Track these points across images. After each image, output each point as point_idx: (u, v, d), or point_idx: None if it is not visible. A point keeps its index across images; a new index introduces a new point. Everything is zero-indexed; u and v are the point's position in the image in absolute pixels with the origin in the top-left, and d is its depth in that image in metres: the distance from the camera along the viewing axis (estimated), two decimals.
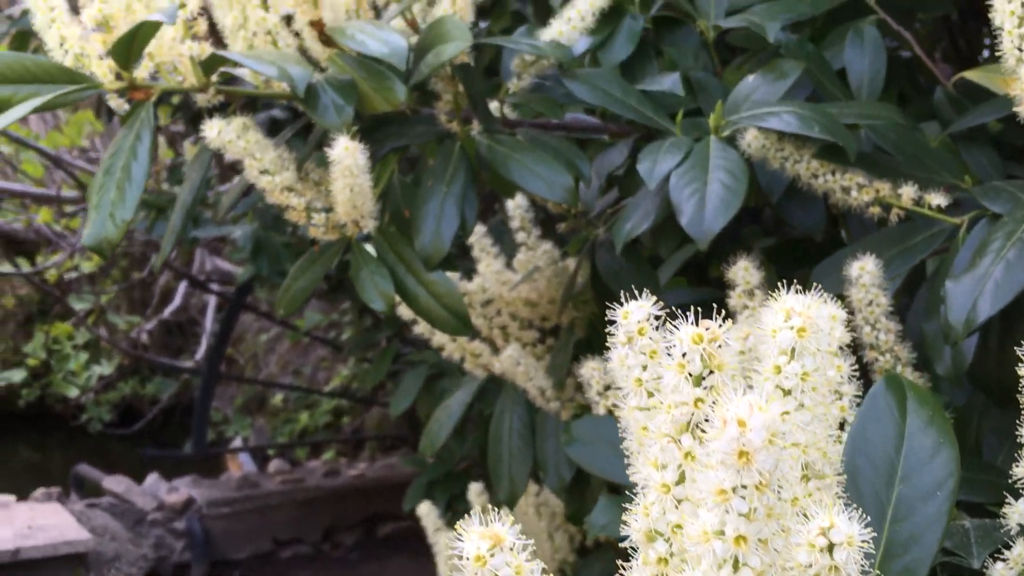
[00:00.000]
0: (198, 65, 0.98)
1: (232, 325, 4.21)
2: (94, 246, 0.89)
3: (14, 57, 0.98)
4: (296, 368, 6.05)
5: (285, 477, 4.35)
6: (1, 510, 3.77)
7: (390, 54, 0.87)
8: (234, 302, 4.12)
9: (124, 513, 3.97)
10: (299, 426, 5.57)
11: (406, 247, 0.99)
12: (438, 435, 1.34)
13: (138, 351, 4.75)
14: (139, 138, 0.94)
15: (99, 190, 0.92)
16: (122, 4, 0.95)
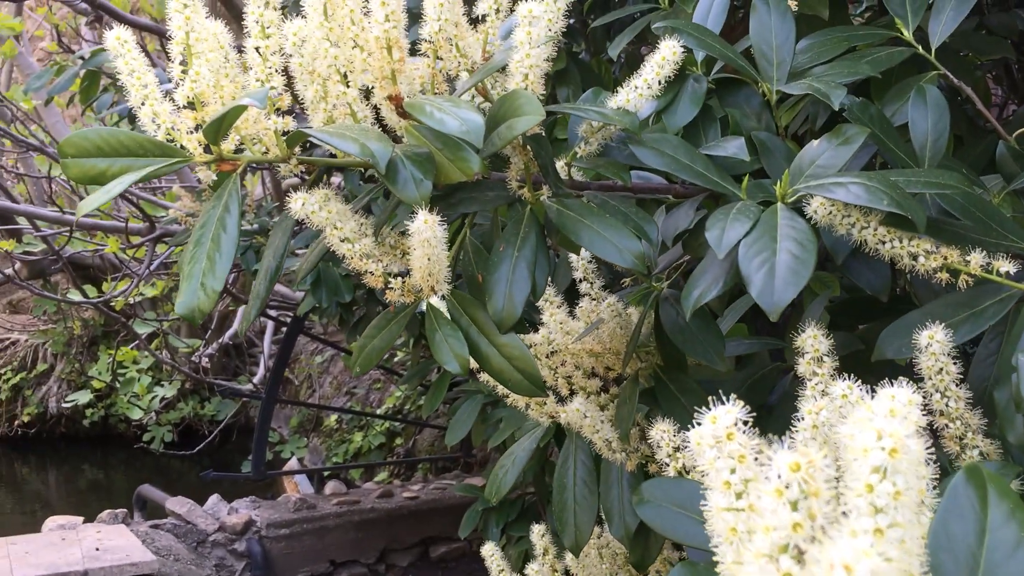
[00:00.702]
0: (282, 138, 1.02)
1: (290, 351, 4.29)
2: (186, 314, 0.94)
3: (109, 132, 1.03)
4: (349, 389, 6.14)
5: (341, 499, 4.42)
6: (70, 531, 3.89)
7: (467, 132, 0.90)
8: (292, 328, 4.20)
9: (187, 534, 4.06)
10: (353, 446, 5.65)
11: (479, 310, 1.03)
12: (504, 481, 1.37)
13: (200, 374, 4.87)
14: (227, 210, 0.99)
15: (190, 261, 0.96)
16: (211, 82, 1.00)
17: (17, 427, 6.31)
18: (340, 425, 5.84)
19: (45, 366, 6.36)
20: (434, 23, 1.00)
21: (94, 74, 3.42)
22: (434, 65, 1.03)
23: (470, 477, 4.81)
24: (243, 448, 6.17)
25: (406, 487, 4.63)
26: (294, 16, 1.04)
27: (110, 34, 1.03)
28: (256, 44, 1.00)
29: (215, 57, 1.01)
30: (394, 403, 5.58)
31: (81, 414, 6.26)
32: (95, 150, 1.03)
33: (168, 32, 1.02)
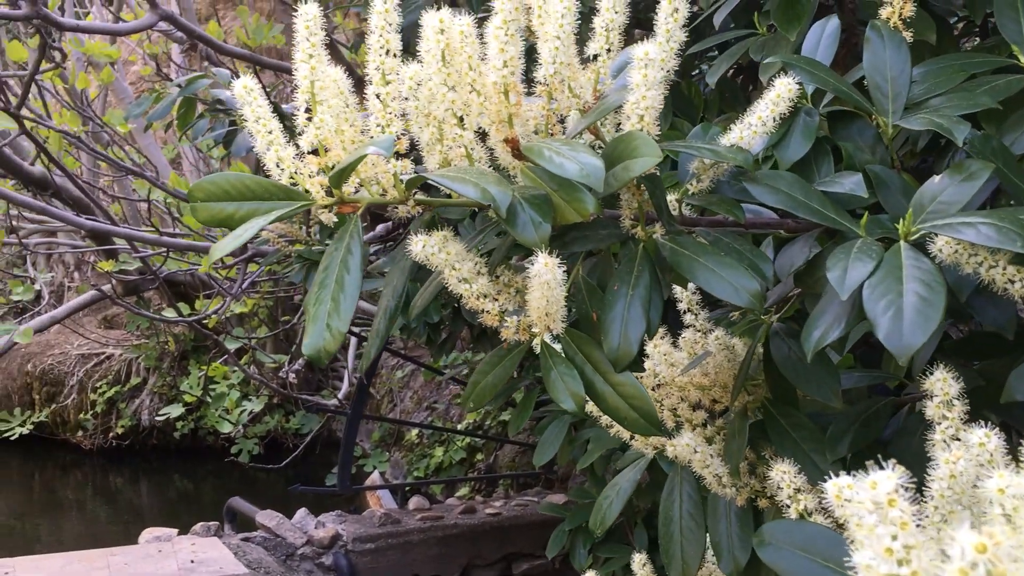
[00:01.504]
0: (400, 181, 1.05)
1: (375, 367, 4.36)
2: (313, 355, 0.97)
3: (236, 177, 1.07)
4: (430, 404, 6.21)
5: (425, 514, 4.46)
6: (165, 543, 4.01)
7: (587, 177, 0.91)
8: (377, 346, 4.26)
9: (276, 547, 4.15)
10: (434, 461, 5.70)
11: (594, 348, 1.04)
12: (609, 512, 1.37)
13: (287, 389, 4.98)
14: (350, 251, 1.02)
15: (315, 303, 1.00)
16: (333, 128, 1.04)
17: (112, 439, 6.54)
18: (421, 439, 5.90)
19: (138, 380, 6.58)
20: (549, 66, 1.02)
21: (190, 101, 3.54)
22: (548, 106, 1.05)
23: (552, 494, 4.81)
24: (326, 461, 6.29)
25: (488, 503, 4.66)
26: (409, 61, 1.07)
27: (237, 83, 1.07)
28: (377, 91, 1.03)
29: (336, 103, 1.05)
30: (475, 419, 5.61)
31: (172, 427, 6.46)
32: (223, 194, 1.08)
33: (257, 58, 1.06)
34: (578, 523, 3.03)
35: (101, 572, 3.58)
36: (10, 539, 5.75)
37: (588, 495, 3.15)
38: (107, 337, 6.77)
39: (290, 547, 4.17)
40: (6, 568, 3.56)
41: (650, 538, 2.84)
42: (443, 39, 1.00)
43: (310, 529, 4.28)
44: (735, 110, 2.26)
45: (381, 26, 1.02)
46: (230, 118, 3.50)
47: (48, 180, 4.53)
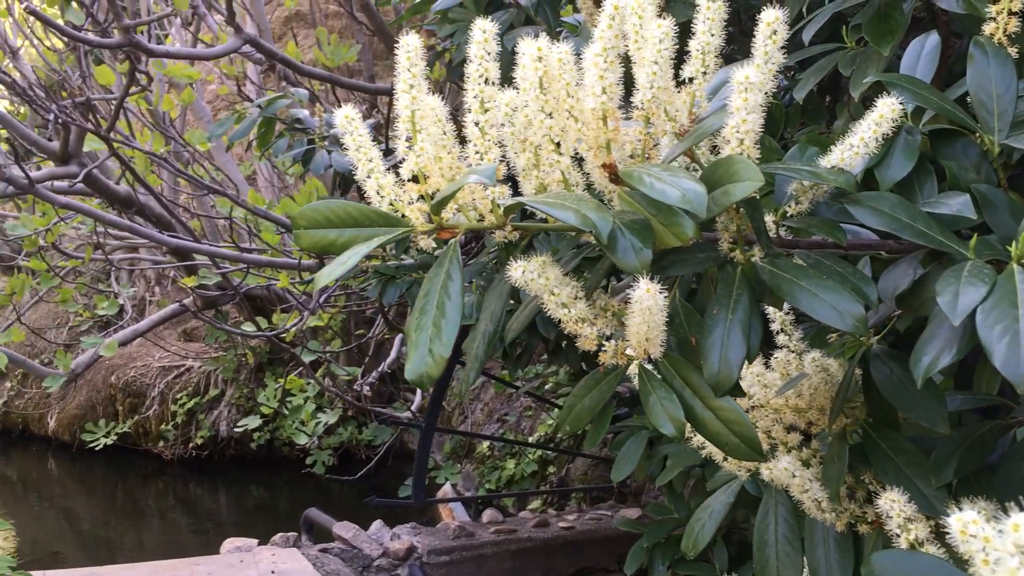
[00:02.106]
0: (498, 206, 1.06)
1: (448, 381, 4.39)
2: (416, 380, 0.99)
3: (338, 204, 1.10)
4: (501, 416, 6.22)
5: (499, 527, 4.47)
6: (246, 554, 4.09)
7: (688, 203, 0.91)
8: (450, 359, 4.29)
9: (353, 559, 4.20)
10: (505, 473, 5.71)
11: (693, 372, 1.03)
12: (701, 535, 1.36)
13: (361, 402, 5.05)
14: (450, 277, 1.03)
15: (416, 329, 1.01)
16: (432, 155, 1.05)
17: (191, 449, 6.70)
18: (492, 452, 5.92)
19: (216, 391, 6.74)
20: (647, 91, 1.02)
21: (270, 121, 3.62)
22: (645, 131, 1.05)
23: (625, 508, 4.78)
24: (398, 472, 6.35)
25: (562, 516, 4.65)
26: (504, 88, 1.08)
27: (339, 112, 1.10)
28: (476, 119, 1.05)
29: (435, 130, 1.06)
30: (546, 431, 5.61)
31: (249, 438, 6.59)
32: (325, 221, 1.10)
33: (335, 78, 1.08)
34: (656, 539, 3.00)
35: None
36: (95, 546, 5.93)
37: (666, 511, 3.12)
38: (186, 350, 6.95)
39: (366, 559, 4.22)
40: (97, 575, 3.68)
41: (730, 555, 2.81)
42: (541, 67, 1.01)
43: (385, 541, 4.32)
44: (816, 122, 2.23)
45: (480, 55, 1.04)
46: (308, 137, 3.58)
47: (133, 198, 4.69)
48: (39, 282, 5.05)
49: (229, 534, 5.30)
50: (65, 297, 5.52)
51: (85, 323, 7.41)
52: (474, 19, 3.05)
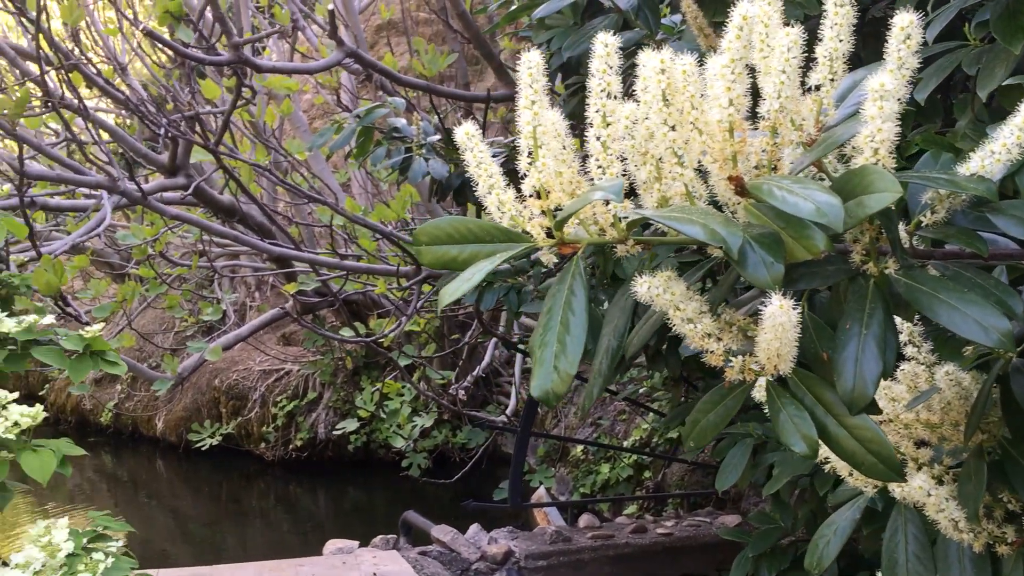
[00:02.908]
0: (620, 221, 1.05)
1: None
2: (542, 397, 0.99)
3: (459, 220, 1.11)
4: (595, 420, 6.19)
5: (596, 533, 4.45)
6: (348, 555, 4.17)
7: (823, 216, 0.88)
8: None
9: (451, 562, 4.24)
10: (600, 478, 5.68)
11: (825, 389, 1.00)
12: (826, 553, 1.32)
13: (456, 406, 5.09)
14: (573, 292, 1.03)
15: (540, 346, 1.01)
16: (553, 171, 1.05)
17: (291, 451, 6.87)
18: (587, 456, 5.90)
19: (314, 395, 6.89)
20: (774, 101, 1.00)
21: (368, 130, 3.68)
22: (772, 141, 1.02)
23: (724, 514, 4.71)
24: (491, 475, 6.38)
25: (659, 522, 4.60)
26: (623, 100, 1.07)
27: (459, 130, 1.10)
28: (597, 133, 1.04)
29: (555, 145, 1.06)
30: (641, 435, 5.56)
31: (346, 440, 6.72)
32: (446, 237, 1.11)
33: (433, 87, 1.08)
34: (761, 549, 2.94)
35: None
36: (200, 545, 6.13)
37: (770, 520, 3.05)
38: (285, 354, 7.13)
39: (465, 562, 4.25)
40: (206, 575, 3.80)
41: (839, 569, 2.73)
42: (664, 79, 1.00)
43: (483, 545, 4.35)
44: (931, 121, 2.15)
45: (602, 69, 1.03)
46: (406, 145, 3.63)
47: (236, 208, 4.83)
48: (147, 289, 5.25)
49: (328, 535, 5.42)
50: (172, 303, 5.73)
51: (190, 328, 7.68)
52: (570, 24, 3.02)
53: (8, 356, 2.20)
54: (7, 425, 1.94)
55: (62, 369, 2.23)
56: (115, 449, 7.62)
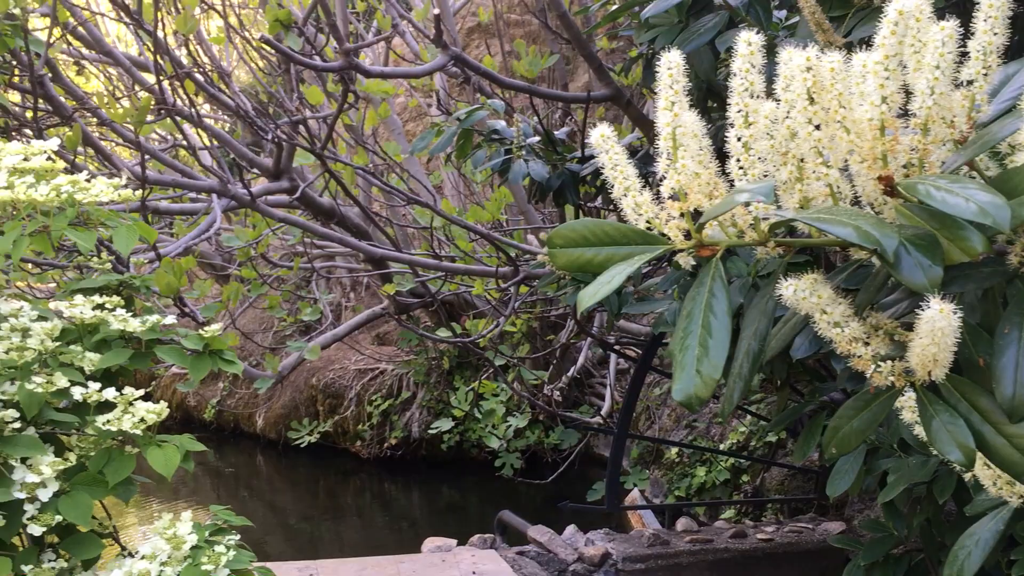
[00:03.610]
0: (761, 222, 1.03)
1: (640, 386, 4.36)
2: (684, 401, 0.97)
3: (595, 223, 1.10)
4: (689, 423, 6.12)
5: (694, 537, 4.39)
6: (446, 553, 4.21)
7: (986, 216, 0.85)
8: (642, 364, 4.26)
9: (548, 563, 4.24)
10: (696, 481, 5.60)
11: (981, 396, 0.97)
12: (967, 565, 1.28)
13: (551, 407, 5.09)
14: (713, 294, 1.02)
15: (681, 350, 1.00)
16: (692, 173, 1.04)
17: (386, 449, 6.98)
18: (681, 458, 5.83)
19: (408, 394, 6.99)
20: (927, 97, 0.96)
21: (468, 132, 3.71)
22: (924, 139, 0.99)
23: (826, 521, 4.59)
24: (583, 477, 6.36)
25: (760, 528, 4.51)
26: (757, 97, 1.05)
27: (594, 132, 1.10)
28: (739, 134, 1.02)
29: (693, 147, 1.05)
30: (738, 438, 5.47)
31: (440, 439, 6.80)
32: (581, 240, 1.11)
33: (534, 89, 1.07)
34: (874, 558, 2.85)
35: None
36: (298, 540, 6.27)
37: (882, 528, 2.96)
38: (380, 353, 7.24)
39: (562, 563, 4.25)
40: (311, 569, 3.88)
41: None
42: (810, 77, 0.98)
43: (580, 546, 4.34)
44: None
45: (745, 68, 1.01)
46: (505, 147, 3.64)
47: (335, 210, 4.93)
48: (249, 289, 5.40)
49: (421, 532, 5.48)
50: (272, 304, 5.88)
51: (288, 328, 7.87)
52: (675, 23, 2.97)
53: (134, 354, 2.28)
54: (134, 421, 2.01)
55: (168, 367, 2.30)
56: (217, 445, 7.86)
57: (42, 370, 2.00)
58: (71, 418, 1.99)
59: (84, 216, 2.02)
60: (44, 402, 1.95)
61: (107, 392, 1.93)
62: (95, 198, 1.90)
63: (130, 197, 1.99)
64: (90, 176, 1.96)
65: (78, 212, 1.96)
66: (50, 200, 1.82)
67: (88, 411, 1.98)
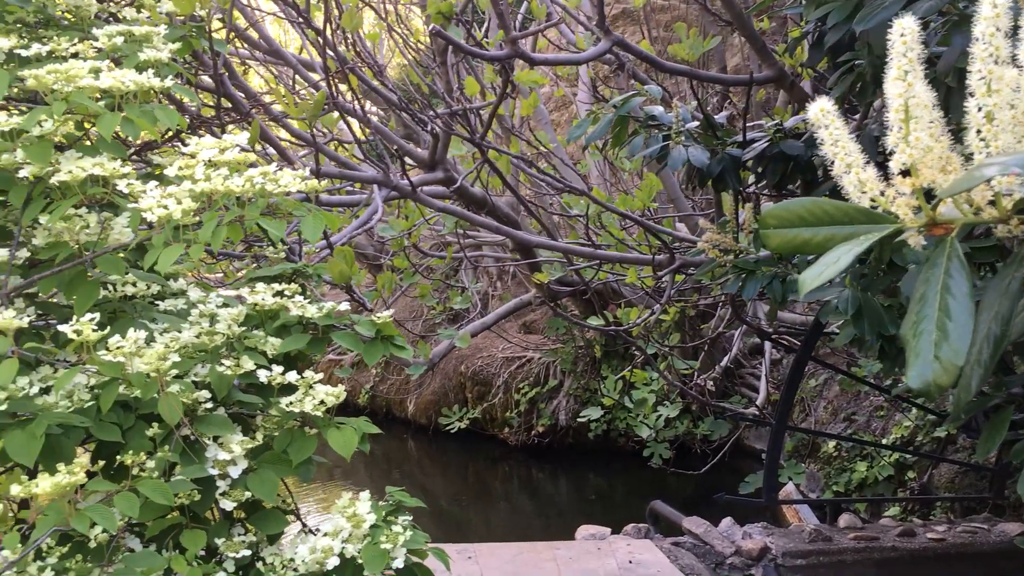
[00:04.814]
0: (1003, 197, 0.97)
1: (800, 377, 4.23)
2: (922, 388, 0.92)
3: (812, 202, 1.06)
4: (848, 416, 5.89)
5: (858, 534, 4.23)
6: (601, 541, 4.21)
7: None
8: (802, 354, 4.13)
9: (705, 555, 4.17)
10: (856, 476, 5.39)
11: None
12: None
13: (704, 397, 5.00)
14: (950, 275, 0.96)
15: (914, 335, 0.95)
16: (924, 147, 0.98)
17: (533, 436, 7.04)
18: (839, 452, 5.61)
19: (555, 382, 7.02)
20: None
21: (624, 119, 3.67)
22: None
23: (1003, 521, 4.33)
24: (733, 468, 6.22)
25: (929, 527, 4.30)
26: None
27: (813, 106, 1.06)
28: (981, 103, 0.96)
29: (926, 119, 0.99)
30: (903, 433, 5.22)
31: (586, 427, 6.80)
32: (797, 220, 1.07)
33: (695, 72, 1.02)
34: None
35: (549, 564, 3.84)
36: (448, 523, 6.41)
37: None
38: (527, 342, 7.30)
39: (719, 556, 4.17)
40: (469, 552, 3.96)
41: None
42: None
43: (737, 539, 4.25)
44: None
45: (989, 32, 0.95)
46: (663, 133, 3.59)
47: (487, 200, 4.98)
48: (401, 278, 5.53)
49: (570, 520, 5.49)
50: (423, 292, 6.01)
51: (437, 316, 8.04)
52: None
53: (311, 340, 2.36)
54: (315, 403, 2.08)
55: (324, 353, 2.36)
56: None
57: (229, 354, 2.11)
58: (256, 399, 2.09)
59: (273, 206, 2.10)
60: (232, 384, 2.05)
61: (289, 375, 2.02)
62: (284, 189, 1.98)
63: (316, 188, 2.06)
64: (279, 167, 2.04)
65: (268, 202, 2.04)
66: (245, 191, 1.90)
67: (271, 393, 2.07)
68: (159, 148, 2.74)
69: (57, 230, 1.93)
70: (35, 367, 1.87)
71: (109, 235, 1.99)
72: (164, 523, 1.85)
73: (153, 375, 1.78)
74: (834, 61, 3.25)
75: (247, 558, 1.94)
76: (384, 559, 1.95)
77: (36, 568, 1.61)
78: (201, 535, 1.85)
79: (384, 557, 1.95)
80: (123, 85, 1.96)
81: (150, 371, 1.76)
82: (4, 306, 1.83)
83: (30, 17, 2.25)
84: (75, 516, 1.59)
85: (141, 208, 1.79)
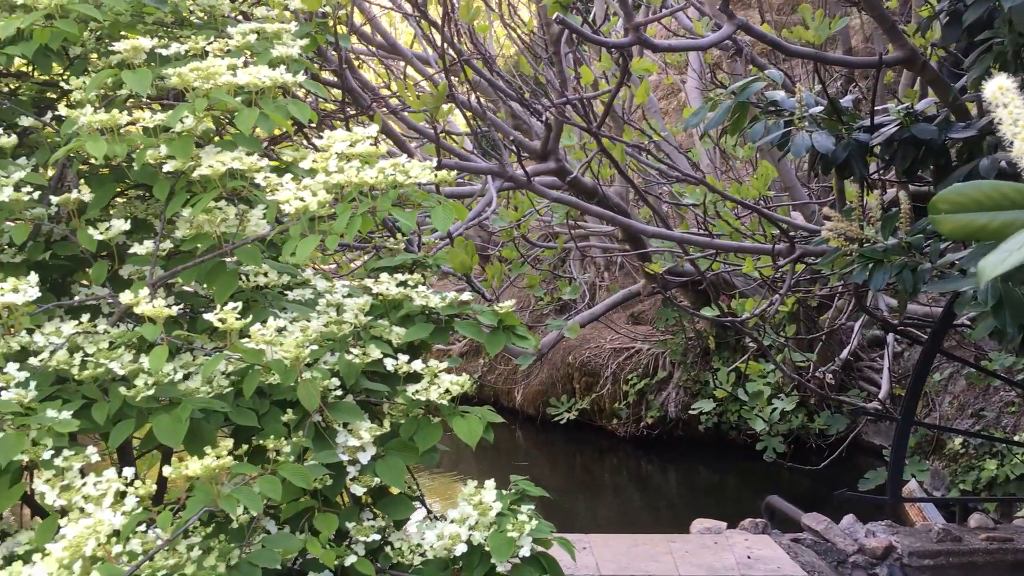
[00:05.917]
0: None
1: (927, 371, 4.05)
2: None
3: (991, 186, 1.00)
4: (975, 411, 5.63)
5: (990, 535, 4.05)
6: (717, 535, 4.14)
7: None
8: (930, 347, 3.96)
9: (826, 552, 4.06)
10: (985, 475, 5.15)
11: None
12: None
13: (823, 390, 4.86)
14: None
15: None
16: None
17: (642, 428, 6.98)
18: (966, 449, 5.37)
19: (664, 373, 6.93)
20: None
21: (743, 106, 3.58)
22: None
23: None
24: (852, 464, 6.03)
25: None
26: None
27: (991, 84, 1.00)
28: None
29: None
30: None
31: (696, 420, 6.70)
32: (973, 204, 1.02)
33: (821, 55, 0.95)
34: None
35: (665, 556, 3.81)
36: (556, 514, 6.40)
37: None
38: (635, 332, 7.24)
39: (840, 553, 4.05)
40: (584, 543, 3.95)
41: None
42: None
43: (860, 537, 4.12)
44: None
45: None
46: (785, 119, 3.48)
47: (597, 189, 4.95)
48: (510, 269, 5.55)
49: (681, 513, 5.43)
50: (532, 283, 6.02)
51: (544, 307, 8.05)
52: None
53: (435, 329, 2.38)
54: (440, 392, 2.10)
55: (435, 341, 2.36)
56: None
57: (356, 342, 2.15)
58: (383, 387, 2.12)
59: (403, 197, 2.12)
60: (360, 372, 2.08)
61: (415, 364, 2.04)
62: (415, 180, 1.99)
63: (447, 179, 2.08)
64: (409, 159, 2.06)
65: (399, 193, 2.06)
66: (378, 182, 1.93)
67: (397, 381, 2.10)
68: (282, 143, 2.81)
69: (199, 222, 1.99)
70: (177, 353, 1.95)
71: (247, 227, 2.05)
72: (297, 506, 1.90)
73: (292, 362, 1.82)
74: (971, 40, 3.10)
75: (376, 542, 1.98)
76: (511, 547, 1.95)
77: (185, 547, 1.68)
78: (334, 519, 1.89)
79: (511, 545, 1.95)
80: (259, 81, 2.01)
81: (289, 359, 1.81)
82: (152, 295, 1.90)
83: (167, 17, 2.34)
84: (223, 498, 1.64)
85: (279, 200, 1.83)
